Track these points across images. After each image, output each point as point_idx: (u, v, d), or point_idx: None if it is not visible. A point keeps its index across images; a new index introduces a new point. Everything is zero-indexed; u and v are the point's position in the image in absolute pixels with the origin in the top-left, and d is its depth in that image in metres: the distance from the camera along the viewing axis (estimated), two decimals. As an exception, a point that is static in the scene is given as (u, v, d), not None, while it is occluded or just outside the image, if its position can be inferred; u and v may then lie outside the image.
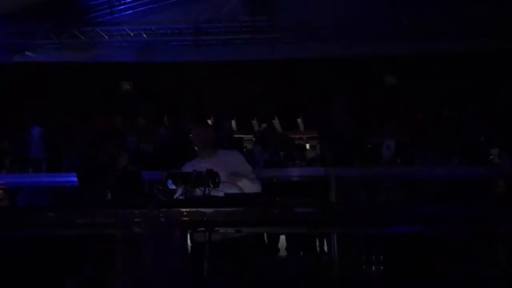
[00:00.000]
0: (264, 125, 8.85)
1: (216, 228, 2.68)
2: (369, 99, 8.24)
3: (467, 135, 5.78)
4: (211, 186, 2.90)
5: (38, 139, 6.25)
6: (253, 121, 9.10)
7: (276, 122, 8.85)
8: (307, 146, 7.51)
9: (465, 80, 8.12)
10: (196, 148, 3.57)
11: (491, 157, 5.18)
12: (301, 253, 5.19)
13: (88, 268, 3.84)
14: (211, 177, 2.96)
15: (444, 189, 4.75)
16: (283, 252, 5.23)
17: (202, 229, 2.65)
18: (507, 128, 6.06)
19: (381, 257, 2.88)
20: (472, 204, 2.96)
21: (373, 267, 2.88)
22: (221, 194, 2.80)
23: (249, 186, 3.23)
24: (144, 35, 8.11)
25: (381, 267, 2.83)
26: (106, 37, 8.12)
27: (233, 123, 7.54)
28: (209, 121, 9.17)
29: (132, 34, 8.09)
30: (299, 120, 9.06)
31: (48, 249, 3.97)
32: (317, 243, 5.19)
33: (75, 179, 4.29)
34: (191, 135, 3.65)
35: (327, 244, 4.95)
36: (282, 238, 5.44)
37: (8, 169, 5.74)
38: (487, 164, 5.17)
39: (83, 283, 3.87)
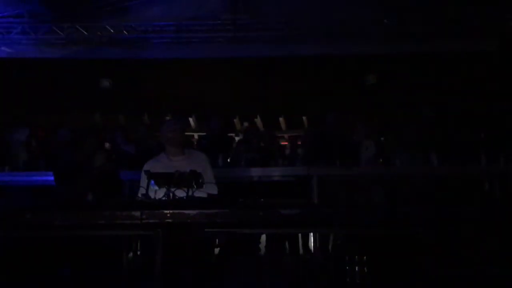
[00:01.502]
0: (246, 124, 8.85)
1: (200, 230, 2.66)
2: (351, 98, 8.30)
3: (448, 134, 5.87)
4: (194, 186, 2.89)
5: (16, 137, 6.13)
6: (235, 120, 9.09)
7: (258, 120, 8.86)
8: (289, 145, 7.52)
9: (446, 79, 8.24)
10: (169, 145, 3.57)
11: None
12: (283, 253, 5.20)
13: (66, 270, 3.78)
14: (194, 178, 2.94)
15: (425, 189, 4.81)
16: (263, 252, 5.22)
17: (185, 230, 2.63)
18: (489, 127, 6.17)
19: (365, 257, 2.89)
20: (453, 204, 2.99)
21: (357, 267, 2.89)
22: (204, 194, 2.79)
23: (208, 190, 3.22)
24: (124, 32, 8.00)
25: (365, 268, 2.85)
26: (85, 33, 7.98)
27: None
28: (191, 119, 9.13)
29: (112, 31, 7.96)
30: (281, 119, 9.09)
31: (25, 250, 3.89)
32: (300, 243, 5.20)
33: (52, 178, 4.21)
34: (166, 132, 3.62)
35: (310, 244, 4.96)
36: (263, 237, 5.44)
37: None
38: (467, 163, 5.25)
39: (60, 284, 3.81)
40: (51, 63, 8.27)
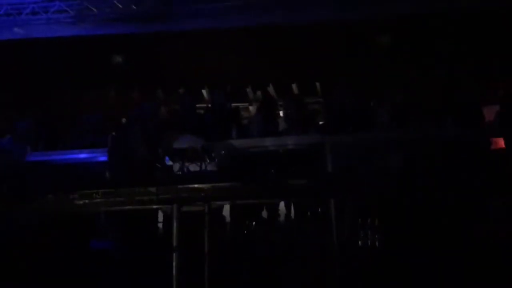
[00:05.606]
0: (258, 93, 8.79)
1: (213, 202, 2.74)
2: (363, 63, 8.17)
3: (461, 96, 5.77)
4: (207, 160, 2.96)
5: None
6: (247, 89, 9.04)
7: (271, 89, 8.79)
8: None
9: (458, 40, 8.01)
10: None
11: None
12: (299, 221, 5.27)
13: (95, 242, 3.95)
14: (207, 152, 3.00)
15: (439, 152, 4.77)
16: (281, 219, 5.30)
17: (199, 203, 2.71)
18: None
19: (377, 221, 2.95)
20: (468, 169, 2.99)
21: (369, 232, 2.95)
22: (215, 168, 2.85)
23: None
24: (133, 6, 7.95)
25: (377, 232, 2.90)
26: (94, 10, 7.96)
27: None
28: (204, 91, 9.12)
29: (121, 6, 7.92)
30: (293, 86, 9.00)
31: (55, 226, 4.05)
32: (314, 210, 5.27)
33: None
34: None
35: (323, 211, 5.02)
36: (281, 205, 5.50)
37: None
38: (481, 126, 5.18)
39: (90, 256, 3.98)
40: (62, 42, 8.29)
